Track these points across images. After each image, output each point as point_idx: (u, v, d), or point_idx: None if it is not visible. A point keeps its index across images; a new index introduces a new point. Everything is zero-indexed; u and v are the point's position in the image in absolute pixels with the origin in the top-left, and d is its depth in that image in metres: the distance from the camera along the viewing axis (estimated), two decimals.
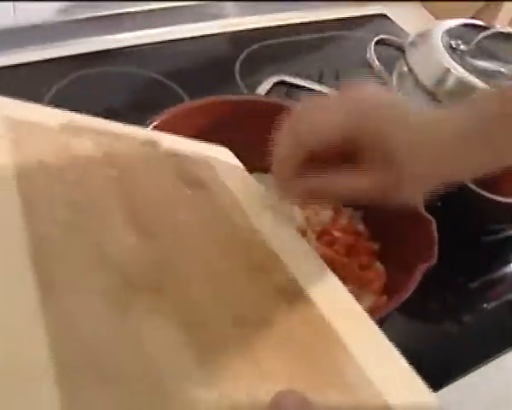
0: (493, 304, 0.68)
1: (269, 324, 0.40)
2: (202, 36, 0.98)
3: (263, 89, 0.73)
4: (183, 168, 0.53)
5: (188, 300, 0.39)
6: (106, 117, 0.80)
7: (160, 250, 0.42)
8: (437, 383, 0.59)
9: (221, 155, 0.59)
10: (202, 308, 0.39)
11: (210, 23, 1.01)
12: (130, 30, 0.94)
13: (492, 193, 0.71)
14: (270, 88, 0.73)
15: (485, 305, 0.68)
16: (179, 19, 0.99)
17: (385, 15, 1.13)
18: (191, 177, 0.52)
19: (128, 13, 0.94)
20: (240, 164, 0.59)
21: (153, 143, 0.53)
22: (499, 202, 0.72)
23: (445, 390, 0.60)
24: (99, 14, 0.91)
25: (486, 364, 0.63)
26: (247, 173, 0.58)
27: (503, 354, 0.64)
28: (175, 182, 0.50)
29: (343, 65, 0.96)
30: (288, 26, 1.05)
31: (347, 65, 0.95)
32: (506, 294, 0.70)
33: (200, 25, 1.00)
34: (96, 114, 0.80)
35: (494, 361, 0.63)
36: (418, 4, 1.17)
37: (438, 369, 0.61)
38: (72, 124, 0.50)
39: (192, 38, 0.97)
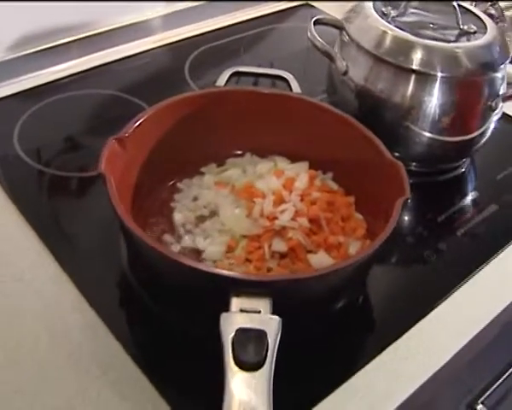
0: (462, 231, 0.76)
1: None
2: (146, 50, 1.04)
3: (220, 82, 0.78)
4: None
5: None
6: (79, 136, 0.85)
7: None
8: (427, 304, 0.67)
9: None
10: None
11: (149, 38, 1.07)
12: (79, 56, 0.98)
13: (441, 135, 0.79)
14: (228, 80, 0.78)
15: (453, 233, 0.76)
16: (120, 40, 1.04)
17: (309, 4, 1.21)
18: None
19: (73, 41, 0.98)
20: None
21: None
22: (447, 142, 0.80)
23: (437, 310, 0.67)
24: (47, 45, 0.95)
25: (466, 282, 0.70)
26: None
27: (477, 272, 0.72)
28: None
29: (287, 50, 1.04)
30: (223, 28, 1.12)
31: (290, 49, 1.04)
32: (469, 221, 0.78)
33: (141, 41, 1.05)
34: (70, 137, 0.85)
35: (471, 280, 0.71)
36: None
37: (424, 292, 0.69)
38: None
39: (137, 54, 1.03)
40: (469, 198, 0.81)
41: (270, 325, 0.50)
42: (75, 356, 0.59)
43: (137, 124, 0.68)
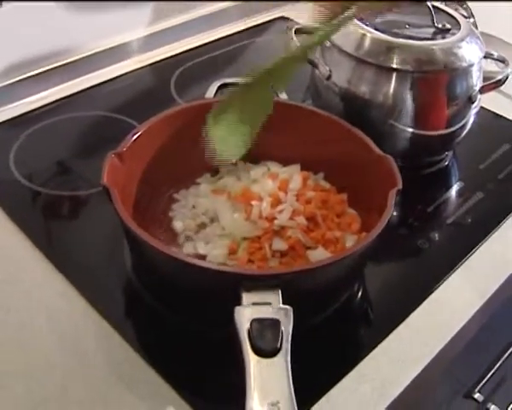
0: (451, 219, 0.80)
1: None
2: (131, 71, 1.06)
3: (209, 94, 0.81)
4: None
5: None
6: (73, 157, 0.87)
7: None
8: (426, 289, 0.70)
9: None
10: None
11: (132, 60, 1.09)
12: (65, 81, 1.00)
13: (423, 130, 0.83)
14: (216, 92, 0.81)
15: (443, 222, 0.79)
16: (104, 63, 1.06)
17: (284, 17, 1.25)
18: None
19: (58, 66, 1.00)
20: None
21: None
22: (431, 136, 0.84)
23: (434, 294, 0.70)
24: (33, 72, 0.97)
25: (459, 267, 0.73)
26: None
27: (469, 256, 0.75)
28: None
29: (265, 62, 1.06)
30: (203, 45, 1.14)
31: (269, 61, 1.06)
32: (457, 210, 0.81)
33: (125, 63, 1.07)
34: (68, 157, 0.87)
35: (465, 263, 0.74)
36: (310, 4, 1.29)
37: (422, 278, 0.72)
38: None
39: (122, 75, 1.05)
40: (456, 188, 0.85)
41: (283, 314, 0.52)
42: (91, 366, 0.60)
43: (134, 138, 0.70)
